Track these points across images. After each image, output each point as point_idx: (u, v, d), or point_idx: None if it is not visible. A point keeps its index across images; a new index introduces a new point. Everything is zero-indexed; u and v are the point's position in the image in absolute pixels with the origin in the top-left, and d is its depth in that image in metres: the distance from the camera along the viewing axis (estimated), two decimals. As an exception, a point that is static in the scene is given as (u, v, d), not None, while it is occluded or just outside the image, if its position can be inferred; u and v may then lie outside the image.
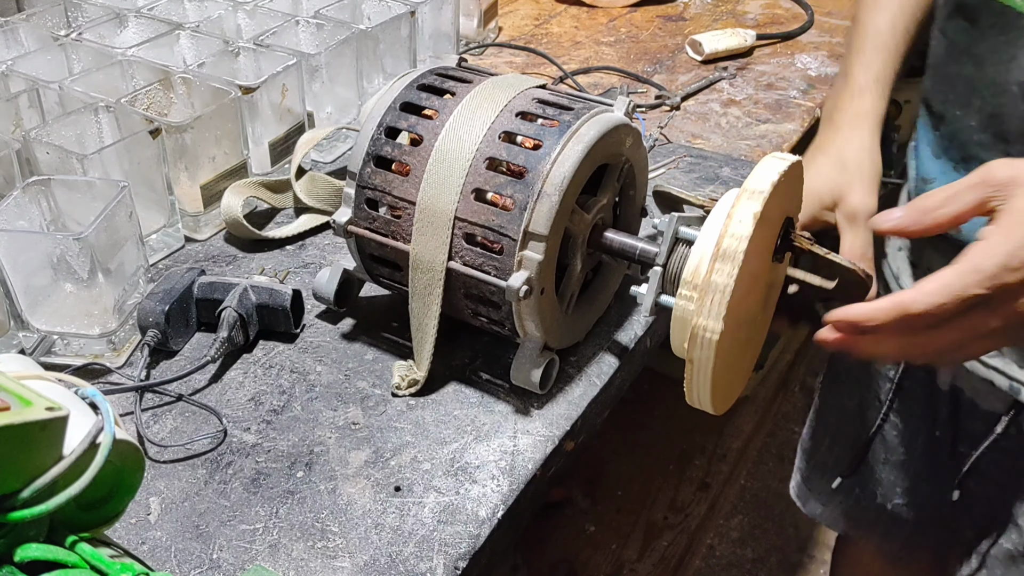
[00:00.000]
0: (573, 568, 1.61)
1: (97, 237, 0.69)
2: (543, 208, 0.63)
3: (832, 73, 1.24)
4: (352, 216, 0.70)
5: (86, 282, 0.70)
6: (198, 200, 0.87)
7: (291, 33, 1.02)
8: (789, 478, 1.21)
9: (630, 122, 0.70)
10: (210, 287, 0.76)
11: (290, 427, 0.69)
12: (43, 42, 0.97)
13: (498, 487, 0.64)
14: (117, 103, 0.84)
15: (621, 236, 0.71)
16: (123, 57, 0.92)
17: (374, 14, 1.07)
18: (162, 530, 0.61)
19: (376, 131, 0.69)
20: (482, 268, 0.66)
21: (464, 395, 0.71)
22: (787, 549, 1.70)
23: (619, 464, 1.79)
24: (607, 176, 0.72)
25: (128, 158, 0.81)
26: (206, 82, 0.89)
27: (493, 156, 0.66)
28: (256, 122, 0.92)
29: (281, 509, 0.62)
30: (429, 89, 0.70)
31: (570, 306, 0.72)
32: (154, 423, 0.69)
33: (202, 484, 0.64)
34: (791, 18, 1.41)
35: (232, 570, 0.58)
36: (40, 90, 0.88)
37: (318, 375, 0.73)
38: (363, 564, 0.59)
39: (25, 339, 0.73)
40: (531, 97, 0.69)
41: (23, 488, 0.38)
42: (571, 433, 0.69)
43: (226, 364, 0.74)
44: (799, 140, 1.09)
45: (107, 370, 0.73)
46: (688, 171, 1.02)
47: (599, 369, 0.74)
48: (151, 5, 1.05)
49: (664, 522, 1.69)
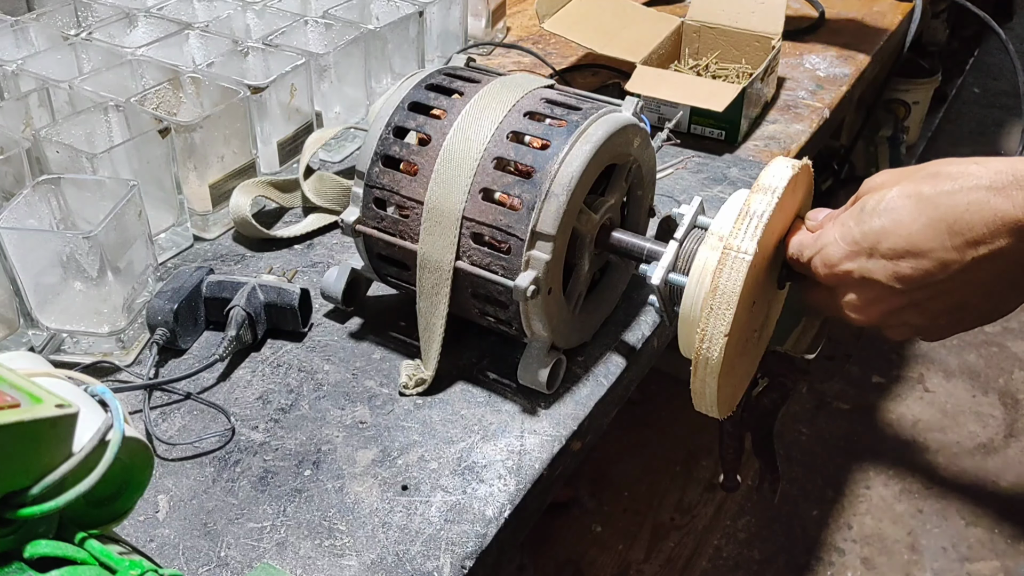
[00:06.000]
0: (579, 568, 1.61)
1: (106, 236, 0.69)
2: (551, 208, 0.63)
3: (841, 73, 1.23)
4: (360, 215, 0.71)
5: (95, 280, 0.70)
6: (207, 199, 0.87)
7: (300, 33, 1.02)
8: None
9: (638, 122, 0.70)
10: (218, 286, 0.76)
11: (298, 426, 0.69)
12: (53, 41, 0.97)
13: (505, 487, 0.64)
14: (127, 102, 0.85)
15: (629, 236, 0.71)
16: (133, 57, 0.93)
17: (382, 14, 1.08)
18: (170, 527, 0.61)
19: (384, 131, 0.69)
20: (490, 268, 0.66)
21: (471, 394, 0.72)
22: (794, 550, 1.70)
23: (626, 465, 1.79)
24: (615, 176, 0.71)
25: (137, 157, 0.81)
26: (215, 81, 0.89)
27: (501, 156, 0.66)
28: (265, 121, 0.93)
29: (289, 507, 0.62)
30: (437, 89, 0.70)
31: (577, 306, 0.72)
32: (163, 421, 0.69)
33: (210, 482, 0.64)
34: (800, 18, 1.40)
35: (240, 568, 0.58)
36: (50, 89, 0.88)
37: (326, 374, 0.73)
38: (370, 562, 0.59)
39: (35, 337, 0.73)
40: (539, 97, 0.69)
41: (33, 485, 0.38)
42: (578, 433, 0.69)
43: (234, 363, 0.74)
44: (808, 141, 1.09)
45: (116, 368, 0.73)
46: (696, 171, 1.01)
47: (606, 369, 0.74)
48: (160, 5, 1.06)
49: (671, 523, 1.69)
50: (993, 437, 1.93)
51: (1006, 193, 0.50)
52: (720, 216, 0.63)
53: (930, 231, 0.53)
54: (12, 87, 0.90)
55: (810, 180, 0.67)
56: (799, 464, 1.85)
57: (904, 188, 0.55)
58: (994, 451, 1.90)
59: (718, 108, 0.99)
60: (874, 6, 1.45)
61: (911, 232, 0.54)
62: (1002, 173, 0.51)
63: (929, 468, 1.86)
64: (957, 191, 0.52)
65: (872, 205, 0.56)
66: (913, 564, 1.68)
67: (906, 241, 0.54)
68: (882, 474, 1.85)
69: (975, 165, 0.53)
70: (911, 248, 0.54)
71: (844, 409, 1.99)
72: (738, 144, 1.07)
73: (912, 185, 0.54)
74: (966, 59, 2.88)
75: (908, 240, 0.54)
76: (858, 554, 1.69)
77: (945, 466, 1.87)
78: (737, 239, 0.58)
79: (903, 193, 0.54)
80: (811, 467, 1.85)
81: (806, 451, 1.89)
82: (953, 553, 1.69)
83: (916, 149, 2.46)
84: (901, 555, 1.69)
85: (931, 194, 0.53)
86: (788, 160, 0.62)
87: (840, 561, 1.68)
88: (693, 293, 0.62)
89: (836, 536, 1.72)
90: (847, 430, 1.94)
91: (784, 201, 0.60)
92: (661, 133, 0.99)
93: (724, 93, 1.01)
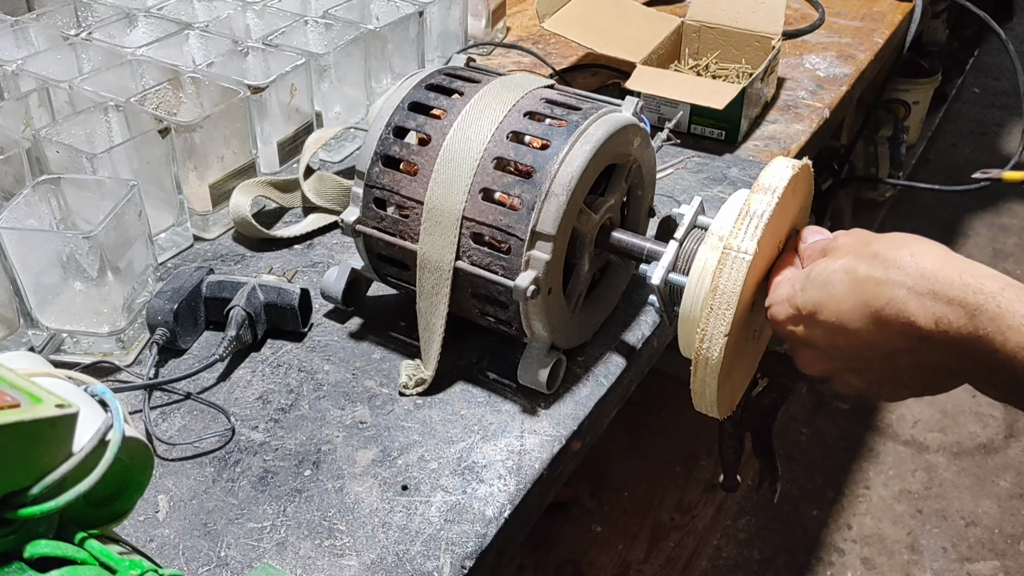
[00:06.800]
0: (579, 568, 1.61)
1: (106, 236, 0.69)
2: (551, 208, 0.63)
3: (841, 73, 1.23)
4: (360, 215, 0.71)
5: (95, 280, 0.70)
6: (207, 199, 0.87)
7: (300, 33, 1.02)
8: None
9: (638, 122, 0.70)
10: (218, 286, 0.76)
11: (298, 426, 0.69)
12: (53, 41, 0.97)
13: (505, 486, 0.64)
14: (127, 102, 0.85)
15: (629, 236, 0.71)
16: (133, 56, 0.93)
17: (382, 14, 1.08)
18: (170, 528, 0.61)
19: (384, 131, 0.69)
20: (489, 268, 0.66)
21: (471, 394, 0.72)
22: (794, 550, 1.70)
23: (626, 465, 1.79)
24: (615, 176, 0.71)
25: (137, 157, 0.81)
26: (215, 81, 0.89)
27: (501, 156, 0.66)
28: (265, 121, 0.93)
29: (289, 507, 0.62)
30: (437, 89, 0.70)
31: (577, 306, 0.72)
32: (163, 421, 0.69)
33: (210, 482, 0.64)
34: (800, 18, 1.40)
35: (240, 568, 0.58)
36: (50, 89, 0.88)
37: (326, 374, 0.73)
38: (370, 562, 0.59)
39: (35, 337, 0.73)
40: (539, 97, 0.69)
41: (33, 485, 0.38)
42: (578, 433, 0.69)
43: (234, 363, 0.74)
44: (808, 141, 1.09)
45: (116, 368, 0.73)
46: (696, 171, 1.01)
47: (606, 369, 0.74)
48: (160, 5, 1.06)
49: (671, 523, 1.69)
50: (993, 437, 1.93)
51: (921, 302, 0.51)
52: (720, 216, 0.63)
53: (857, 313, 0.54)
54: (12, 87, 0.90)
55: (810, 180, 0.67)
56: (799, 464, 1.85)
57: (846, 263, 0.56)
58: (994, 451, 1.90)
59: (718, 106, 0.99)
60: (874, 6, 1.45)
61: (842, 310, 0.55)
62: (924, 279, 0.52)
63: (929, 468, 1.86)
64: (883, 283, 0.53)
65: (816, 274, 0.58)
66: (913, 564, 1.68)
67: (836, 317, 0.55)
68: (882, 474, 1.85)
69: (910, 256, 0.53)
70: (840, 324, 0.55)
71: (844, 409, 1.99)
72: (738, 144, 1.07)
73: (853, 262, 0.56)
74: (966, 59, 2.88)
75: (838, 317, 0.55)
76: (858, 554, 1.69)
77: (945, 466, 1.87)
78: (737, 239, 0.58)
79: (843, 268, 0.56)
80: (811, 467, 1.85)
81: (806, 451, 1.89)
82: (953, 553, 1.69)
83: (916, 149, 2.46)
84: (901, 555, 1.69)
85: (863, 278, 0.54)
86: (788, 160, 0.62)
87: (840, 561, 1.68)
88: (693, 293, 0.62)
89: (836, 536, 1.72)
90: (847, 430, 1.94)
91: (784, 201, 0.60)
92: (661, 133, 0.99)
93: (724, 92, 1.01)
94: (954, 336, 0.50)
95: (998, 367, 0.49)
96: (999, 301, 0.49)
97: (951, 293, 0.50)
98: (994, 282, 0.50)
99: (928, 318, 0.51)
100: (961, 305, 0.50)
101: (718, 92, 1.01)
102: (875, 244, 0.56)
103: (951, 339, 0.51)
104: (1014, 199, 2.63)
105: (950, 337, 0.51)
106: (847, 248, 0.58)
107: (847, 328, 0.55)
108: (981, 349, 0.50)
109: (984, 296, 0.49)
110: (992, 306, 0.49)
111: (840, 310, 0.55)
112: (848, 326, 0.55)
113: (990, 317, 0.49)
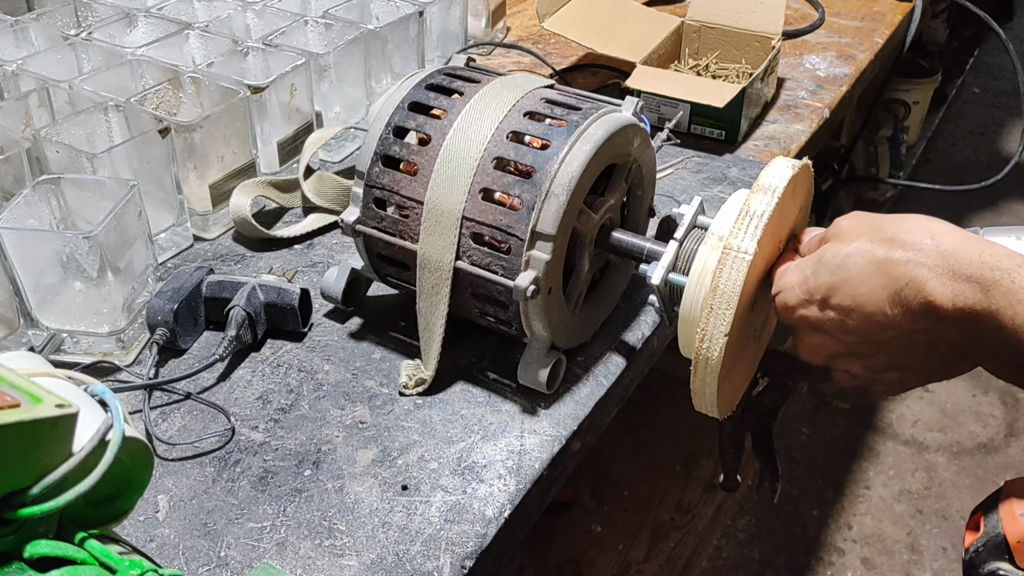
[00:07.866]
0: (579, 568, 1.61)
1: (106, 236, 0.69)
2: (551, 208, 0.63)
3: (841, 73, 1.23)
4: (360, 215, 0.71)
5: (95, 280, 0.70)
6: (207, 199, 0.87)
7: (300, 33, 1.02)
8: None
9: (638, 122, 0.70)
10: (218, 286, 0.76)
11: (298, 426, 0.69)
12: (53, 41, 0.97)
13: (505, 486, 0.64)
14: (127, 102, 0.85)
15: (629, 236, 0.71)
16: (132, 56, 0.93)
17: (382, 14, 1.08)
18: (170, 527, 0.61)
19: (384, 130, 0.69)
20: (489, 268, 0.66)
21: (471, 394, 0.72)
22: (794, 550, 1.70)
23: (626, 464, 1.78)
24: (615, 176, 0.71)
25: (137, 157, 0.81)
26: (215, 81, 0.89)
27: (501, 156, 0.66)
28: (265, 121, 0.93)
29: (289, 507, 0.62)
30: (437, 89, 0.70)
31: (577, 306, 0.72)
32: (163, 421, 0.69)
33: (210, 482, 0.64)
34: (800, 18, 1.40)
35: (240, 568, 0.58)
36: (50, 89, 0.88)
37: (326, 374, 0.73)
38: (370, 562, 0.59)
39: (35, 337, 0.73)
40: (539, 97, 0.69)
41: (33, 485, 0.38)
42: (578, 433, 0.69)
43: (234, 363, 0.74)
44: (808, 141, 1.09)
45: (116, 368, 0.73)
46: (696, 171, 1.01)
47: (606, 369, 0.74)
48: (160, 5, 1.06)
49: (671, 523, 1.69)
50: (993, 437, 1.93)
51: (941, 280, 0.52)
52: (720, 216, 0.63)
53: (875, 295, 0.55)
54: (12, 87, 0.90)
55: (810, 180, 0.67)
56: (799, 464, 1.85)
57: (860, 246, 0.56)
58: (994, 451, 1.90)
59: (719, 103, 0.99)
60: (874, 6, 1.45)
61: (858, 292, 0.56)
62: (944, 259, 0.52)
63: (929, 468, 1.86)
64: (903, 263, 0.54)
65: (829, 258, 0.58)
66: (913, 564, 1.68)
67: (852, 300, 0.56)
68: (882, 474, 1.85)
69: (929, 239, 0.54)
70: (856, 306, 0.56)
71: (844, 409, 1.99)
72: (738, 144, 1.07)
73: (869, 245, 0.56)
74: (966, 59, 2.89)
75: (855, 299, 0.56)
76: (858, 554, 1.69)
77: (945, 466, 1.87)
78: (737, 239, 0.58)
79: (858, 251, 0.56)
80: (811, 467, 1.85)
81: (806, 451, 1.89)
82: (953, 553, 1.69)
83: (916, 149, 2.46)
84: (901, 555, 1.69)
85: (882, 259, 0.55)
86: (788, 160, 0.62)
87: (840, 561, 1.68)
88: (693, 293, 0.62)
89: (836, 536, 1.72)
90: (847, 430, 1.94)
91: (784, 201, 0.60)
92: (661, 133, 0.99)
93: (724, 91, 1.01)
94: (968, 312, 0.51)
95: (1003, 345, 0.50)
96: (1014, 277, 0.50)
97: (969, 271, 0.51)
98: (1011, 260, 0.51)
99: (947, 297, 0.52)
100: (977, 281, 0.51)
101: (718, 91, 1.01)
102: (891, 226, 0.56)
103: (965, 315, 0.51)
104: (1014, 199, 2.63)
105: (964, 314, 0.51)
106: (856, 231, 0.58)
107: (863, 310, 0.55)
108: (990, 324, 0.50)
109: (1000, 272, 0.50)
110: (1007, 281, 0.50)
111: (857, 292, 0.55)
112: (864, 308, 0.55)
113: (1003, 292, 0.50)
